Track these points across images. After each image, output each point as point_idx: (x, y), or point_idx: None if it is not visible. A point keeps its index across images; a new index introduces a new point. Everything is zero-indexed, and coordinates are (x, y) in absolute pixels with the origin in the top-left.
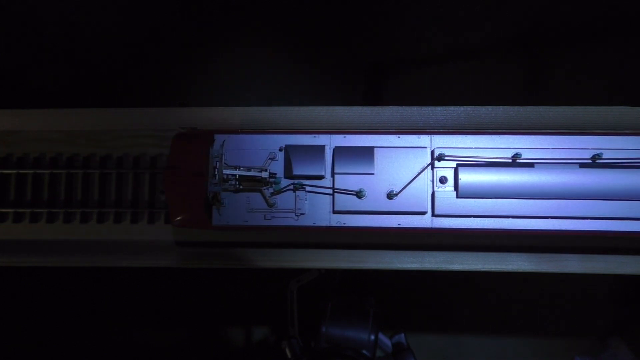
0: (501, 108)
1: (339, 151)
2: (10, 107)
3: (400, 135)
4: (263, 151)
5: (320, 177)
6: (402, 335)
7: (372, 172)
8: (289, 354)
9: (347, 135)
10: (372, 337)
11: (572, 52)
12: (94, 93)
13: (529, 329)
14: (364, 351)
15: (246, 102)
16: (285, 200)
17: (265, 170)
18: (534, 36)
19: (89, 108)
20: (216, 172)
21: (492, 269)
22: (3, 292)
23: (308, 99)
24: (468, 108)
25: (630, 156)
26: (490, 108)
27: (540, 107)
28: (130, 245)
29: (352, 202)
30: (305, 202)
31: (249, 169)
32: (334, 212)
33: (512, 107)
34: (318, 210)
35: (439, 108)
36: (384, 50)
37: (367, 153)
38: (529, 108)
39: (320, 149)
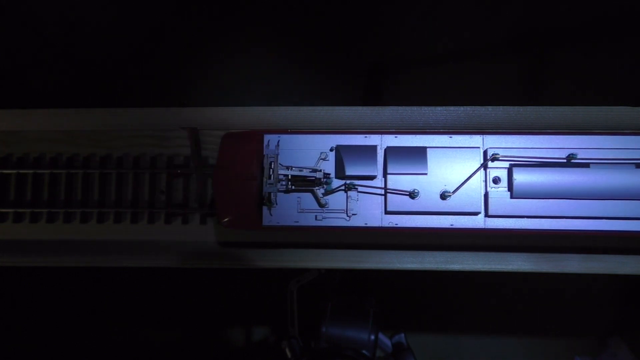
0: (501, 108)
1: (391, 151)
2: (10, 107)
3: (452, 136)
4: (313, 151)
5: (373, 177)
6: (402, 335)
7: (425, 172)
8: (289, 354)
9: (398, 136)
10: (372, 337)
11: (572, 53)
12: (94, 93)
13: (529, 329)
14: (364, 351)
15: (246, 102)
16: (335, 200)
17: (320, 171)
18: (534, 36)
19: (89, 108)
20: (271, 172)
21: (492, 269)
22: (3, 292)
23: (308, 98)
24: (468, 108)
25: None
26: (490, 108)
27: (540, 107)
28: (130, 245)
29: (405, 203)
30: (357, 202)
31: (301, 169)
32: (386, 212)
33: (512, 107)
34: (369, 211)
35: (439, 108)
36: (384, 50)
37: (420, 153)
38: (529, 108)
39: (372, 149)
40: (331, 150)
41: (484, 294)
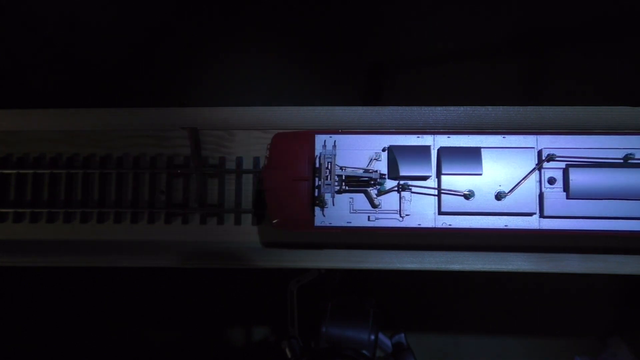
0: (501, 108)
1: (445, 152)
2: (10, 107)
3: (506, 136)
4: (364, 152)
5: (427, 178)
6: (402, 335)
7: (480, 172)
8: (289, 354)
9: (451, 136)
10: (372, 337)
11: (572, 53)
12: (94, 93)
13: (529, 329)
14: (364, 351)
15: (246, 102)
16: (387, 201)
17: (376, 171)
18: (534, 36)
19: (89, 108)
20: (328, 173)
21: (492, 269)
22: (3, 292)
23: (308, 98)
24: (468, 108)
25: None
26: (490, 108)
27: (540, 107)
28: (130, 245)
29: (459, 203)
30: (410, 203)
31: (355, 169)
32: (440, 213)
33: (512, 107)
34: (422, 212)
35: (439, 108)
36: (384, 50)
37: (474, 154)
38: (529, 108)
39: (426, 149)
40: (383, 150)
41: (484, 294)
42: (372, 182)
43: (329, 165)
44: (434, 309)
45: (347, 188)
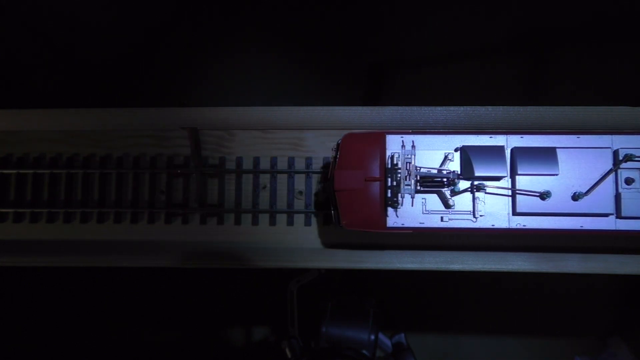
0: (501, 108)
1: (519, 152)
2: (10, 107)
3: (580, 136)
4: (436, 152)
5: (500, 178)
6: (402, 335)
7: (556, 173)
8: (289, 354)
9: (524, 136)
10: (372, 337)
11: (572, 53)
12: (94, 93)
13: (529, 329)
14: (364, 351)
15: (246, 102)
16: (459, 201)
17: (453, 171)
18: (534, 37)
19: (89, 108)
20: (408, 174)
21: (492, 269)
22: (3, 292)
23: (308, 98)
24: (468, 108)
25: None
26: (490, 108)
27: (540, 107)
28: (130, 245)
29: (534, 204)
30: (484, 203)
31: (429, 170)
32: (515, 213)
33: (512, 107)
34: (496, 212)
35: (439, 108)
36: (384, 50)
37: (550, 154)
38: (529, 108)
39: (500, 149)
40: (456, 150)
41: (484, 294)
42: (447, 182)
43: (408, 166)
44: (434, 309)
45: (420, 188)
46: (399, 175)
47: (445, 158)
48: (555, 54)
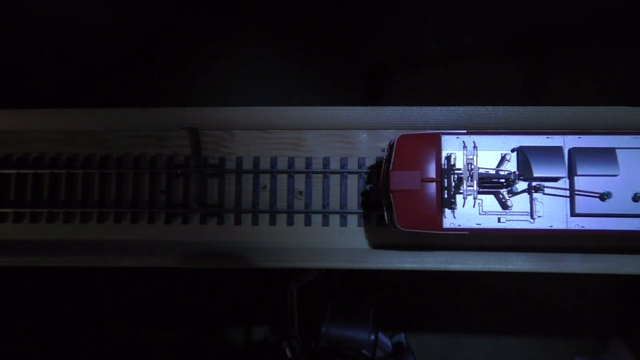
0: (501, 108)
1: (578, 152)
2: (10, 107)
3: (637, 136)
4: (492, 152)
5: (559, 179)
6: (402, 335)
7: (616, 173)
8: (289, 354)
9: (581, 136)
10: (372, 337)
11: (572, 53)
12: (94, 93)
13: (529, 329)
14: (364, 351)
15: (246, 102)
16: (516, 202)
17: (513, 172)
18: (534, 36)
19: (89, 108)
20: (470, 174)
21: (492, 269)
22: (3, 292)
23: (308, 99)
24: (468, 108)
25: None
26: (490, 108)
27: (540, 107)
28: (130, 245)
29: (594, 205)
30: (542, 204)
31: (487, 170)
32: (573, 214)
33: (512, 107)
34: (554, 213)
35: (439, 108)
36: (384, 50)
37: (609, 154)
38: (529, 108)
39: (558, 149)
40: (512, 151)
41: (484, 294)
42: (505, 183)
43: (470, 167)
44: (434, 309)
45: (479, 189)
46: (456, 175)
47: (503, 158)
48: (555, 54)
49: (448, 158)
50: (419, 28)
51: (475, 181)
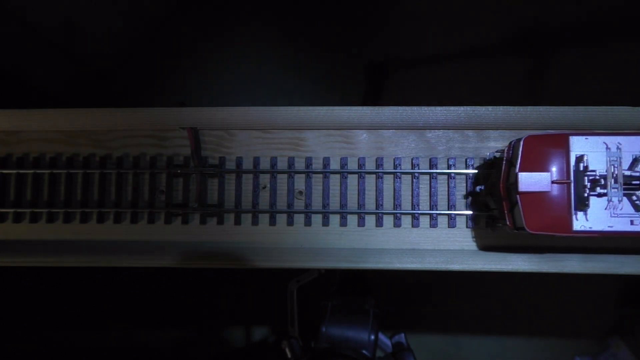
0: (501, 108)
1: None
2: (10, 107)
3: None
4: (623, 153)
5: None
6: (402, 335)
7: None
8: (289, 354)
9: None
10: (372, 337)
11: (572, 53)
12: (94, 93)
13: (529, 329)
14: (364, 351)
15: (246, 102)
16: None
17: None
18: (534, 36)
19: (89, 108)
20: (615, 176)
21: (492, 269)
22: (3, 292)
23: (308, 98)
24: (468, 108)
25: None
26: (490, 108)
27: (540, 107)
28: (130, 245)
29: None
30: None
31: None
32: None
33: (512, 107)
34: None
35: (439, 108)
36: (384, 50)
37: None
38: (529, 108)
39: None
40: None
41: (484, 294)
42: None
43: (615, 169)
44: (434, 309)
45: (624, 192)
46: (590, 177)
47: (636, 160)
48: (555, 53)
49: (579, 159)
50: (419, 28)
51: (620, 183)
